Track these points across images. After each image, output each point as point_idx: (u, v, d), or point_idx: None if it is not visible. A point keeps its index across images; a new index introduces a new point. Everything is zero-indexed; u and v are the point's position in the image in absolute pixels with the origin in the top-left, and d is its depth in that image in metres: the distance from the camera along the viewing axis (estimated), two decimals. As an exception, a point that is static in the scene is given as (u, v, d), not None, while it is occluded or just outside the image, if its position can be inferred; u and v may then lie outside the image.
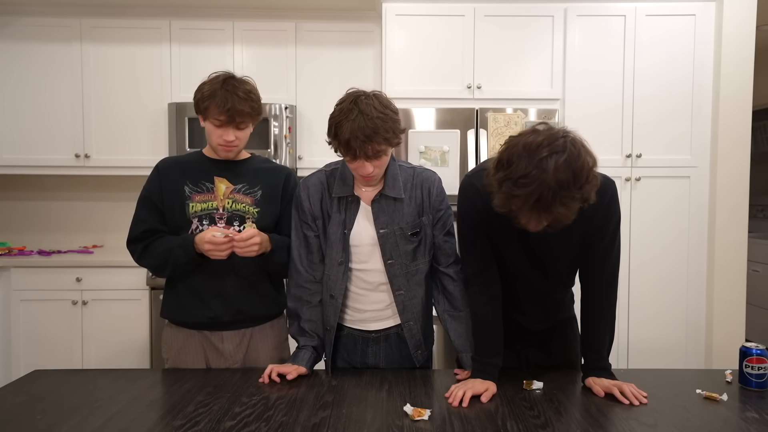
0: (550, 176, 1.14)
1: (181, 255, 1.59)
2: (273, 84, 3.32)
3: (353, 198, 1.57)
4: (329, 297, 1.60)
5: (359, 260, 1.59)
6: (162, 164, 1.72)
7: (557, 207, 1.17)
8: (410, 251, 1.58)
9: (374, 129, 1.40)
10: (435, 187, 1.61)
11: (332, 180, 1.60)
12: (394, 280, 1.58)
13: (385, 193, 1.56)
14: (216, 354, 1.69)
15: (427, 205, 1.59)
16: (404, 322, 1.61)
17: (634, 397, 1.38)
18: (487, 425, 1.25)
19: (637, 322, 3.02)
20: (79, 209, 3.67)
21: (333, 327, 1.62)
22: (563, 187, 1.15)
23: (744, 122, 2.96)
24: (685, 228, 3.02)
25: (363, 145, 1.40)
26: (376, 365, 1.66)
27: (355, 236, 1.57)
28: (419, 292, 1.61)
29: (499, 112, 2.87)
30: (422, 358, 1.66)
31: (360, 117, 1.40)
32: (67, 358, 3.05)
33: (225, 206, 1.66)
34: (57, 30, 3.29)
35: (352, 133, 1.39)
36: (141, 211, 1.68)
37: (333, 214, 1.57)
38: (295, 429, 1.23)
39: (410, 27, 3.01)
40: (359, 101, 1.44)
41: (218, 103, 1.55)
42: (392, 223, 1.56)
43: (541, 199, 1.16)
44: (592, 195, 1.22)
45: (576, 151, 1.19)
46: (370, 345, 1.65)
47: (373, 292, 1.60)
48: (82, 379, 1.54)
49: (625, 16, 3.00)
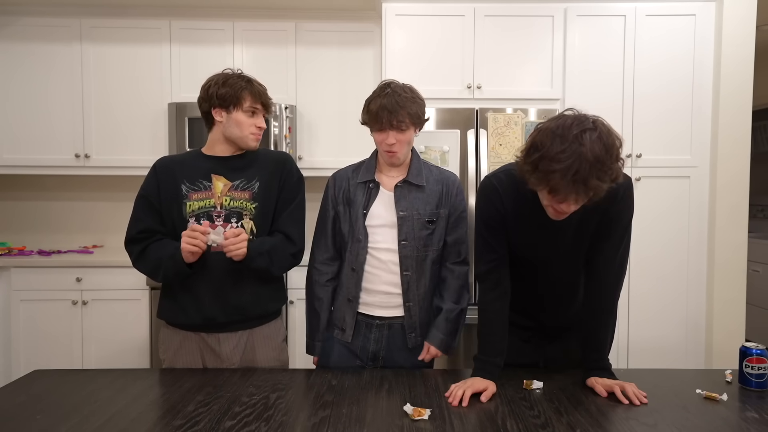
0: (587, 149, 1.19)
1: (171, 266, 1.59)
2: (273, 84, 3.28)
3: (374, 184, 1.74)
4: (351, 270, 1.74)
5: (375, 240, 1.72)
6: (159, 163, 1.71)
7: (593, 180, 1.21)
8: (423, 237, 1.71)
9: (401, 104, 1.62)
10: (456, 186, 1.77)
11: (358, 170, 1.78)
12: (404, 260, 1.70)
13: (409, 179, 1.73)
14: (213, 356, 1.68)
15: (446, 200, 1.74)
16: (405, 302, 1.72)
17: (635, 396, 1.38)
18: (487, 425, 1.25)
19: (637, 322, 3.02)
20: (79, 209, 3.68)
21: (356, 297, 1.74)
22: (599, 160, 1.20)
23: (744, 122, 2.96)
24: (685, 228, 3.03)
25: (390, 116, 1.61)
26: (376, 352, 1.75)
27: (373, 217, 1.72)
28: (424, 276, 1.73)
29: (499, 112, 2.87)
30: (415, 342, 1.73)
31: (391, 94, 1.63)
32: (67, 358, 3.05)
33: (222, 204, 1.66)
34: (57, 30, 3.29)
35: (381, 106, 1.62)
36: (138, 210, 1.68)
37: (355, 198, 1.74)
38: (295, 429, 1.23)
39: (410, 27, 3.01)
40: (392, 83, 1.68)
41: (254, 92, 1.65)
42: (412, 207, 1.71)
43: (579, 171, 1.20)
44: (620, 173, 1.27)
45: (606, 129, 1.25)
46: (374, 331, 1.74)
47: (385, 272, 1.72)
48: (82, 379, 1.54)
49: (625, 16, 3.00)
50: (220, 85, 1.64)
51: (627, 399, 1.38)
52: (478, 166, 2.84)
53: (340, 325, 1.76)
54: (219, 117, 1.66)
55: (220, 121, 1.67)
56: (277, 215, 1.72)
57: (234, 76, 1.67)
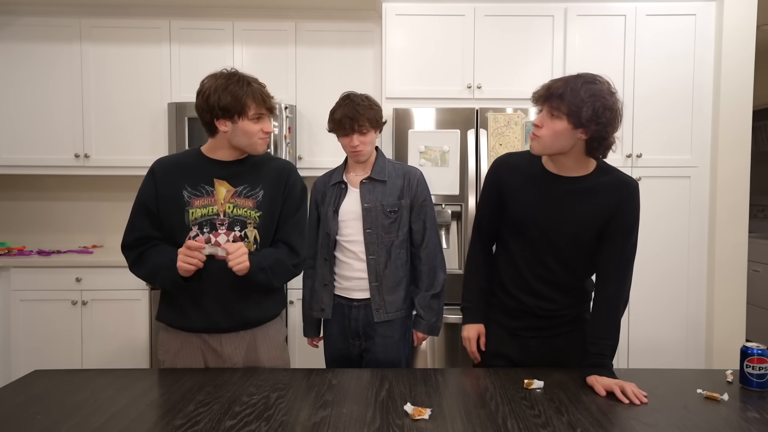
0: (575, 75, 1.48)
1: (167, 277, 1.57)
2: (273, 84, 3.23)
3: (344, 184, 2.00)
4: (323, 260, 2.00)
5: (345, 233, 1.97)
6: (157, 165, 1.66)
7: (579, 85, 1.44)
8: (386, 225, 1.95)
9: (360, 111, 1.89)
10: (416, 178, 2.00)
11: (332, 174, 2.06)
12: (369, 246, 1.95)
13: (372, 176, 1.97)
14: (215, 356, 1.67)
15: (408, 191, 1.98)
16: (371, 283, 1.96)
17: (635, 396, 1.38)
18: (488, 424, 1.25)
19: (638, 322, 3.02)
20: (78, 209, 3.67)
21: (330, 281, 2.00)
22: (584, 76, 1.46)
23: (744, 122, 2.96)
24: (685, 227, 3.02)
25: (351, 122, 1.88)
26: (357, 329, 1.98)
27: (343, 212, 1.97)
28: (388, 260, 1.96)
29: (499, 112, 2.87)
30: (381, 317, 1.96)
31: (350, 104, 1.91)
32: (67, 358, 3.04)
33: (226, 211, 1.62)
34: (57, 30, 3.29)
35: (343, 114, 1.89)
36: (135, 217, 1.64)
37: (327, 198, 2.01)
38: (296, 428, 1.23)
39: (410, 27, 3.01)
40: (351, 94, 1.95)
41: (257, 97, 1.60)
42: (376, 200, 1.95)
43: (577, 78, 1.46)
44: (604, 115, 1.43)
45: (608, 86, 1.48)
46: (353, 311, 1.98)
47: (356, 261, 1.97)
48: (82, 379, 1.54)
49: (625, 16, 2.99)
50: (221, 94, 1.54)
51: (627, 399, 1.38)
52: (478, 166, 2.84)
53: (320, 306, 2.02)
54: (224, 127, 1.59)
55: (226, 131, 1.60)
56: (280, 224, 1.69)
57: (233, 80, 1.57)
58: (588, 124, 1.43)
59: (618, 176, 1.57)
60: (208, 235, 1.60)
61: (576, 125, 1.44)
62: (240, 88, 1.56)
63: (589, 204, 1.54)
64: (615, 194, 1.53)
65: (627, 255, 1.56)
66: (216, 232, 1.60)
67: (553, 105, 1.46)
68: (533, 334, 1.68)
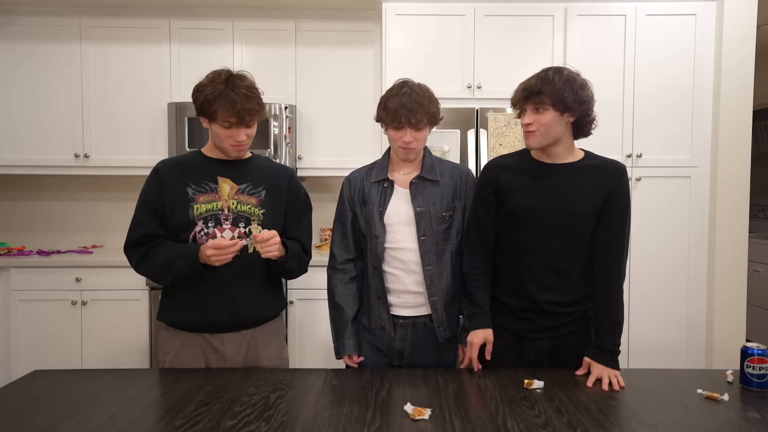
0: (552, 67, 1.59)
1: (185, 266, 1.57)
2: (273, 84, 3.31)
3: (389, 183, 1.77)
4: (373, 268, 1.76)
5: (393, 239, 1.74)
6: (161, 166, 1.68)
7: (554, 76, 1.54)
8: (442, 231, 1.73)
9: (420, 103, 1.66)
10: (470, 179, 1.81)
11: (371, 171, 1.81)
12: (425, 255, 1.72)
13: (423, 175, 1.75)
14: (216, 355, 1.68)
15: (462, 192, 1.78)
16: (430, 297, 1.73)
17: (612, 382, 1.48)
18: (488, 424, 1.25)
19: (638, 322, 3.02)
20: (78, 209, 3.67)
21: (384, 295, 1.75)
22: (550, 69, 1.57)
23: (744, 122, 2.95)
24: (685, 227, 3.02)
25: (408, 114, 1.64)
26: (402, 350, 1.76)
27: (390, 215, 1.74)
28: (446, 270, 1.75)
29: (499, 112, 2.87)
30: (444, 335, 1.75)
31: (409, 93, 1.67)
32: (67, 358, 3.04)
33: (230, 207, 1.64)
34: (57, 30, 3.29)
35: (400, 104, 1.65)
36: (140, 214, 1.65)
37: (370, 198, 1.77)
38: (296, 428, 1.23)
39: (410, 27, 3.01)
40: (409, 82, 1.71)
41: (226, 106, 1.53)
42: (428, 203, 1.73)
43: (545, 72, 1.57)
44: (582, 94, 1.56)
45: None
46: (398, 330, 1.76)
47: (407, 273, 1.74)
48: (82, 379, 1.54)
49: (625, 16, 2.99)
50: (201, 92, 1.56)
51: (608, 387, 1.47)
52: (479, 166, 2.84)
53: (379, 323, 1.75)
54: (205, 124, 1.63)
55: (207, 128, 1.64)
56: (288, 227, 1.73)
57: (217, 81, 1.56)
58: (573, 105, 1.56)
59: (606, 160, 1.66)
60: (213, 230, 1.62)
61: (563, 111, 1.56)
62: (218, 92, 1.54)
63: (586, 183, 1.61)
64: (608, 175, 1.61)
65: (624, 234, 1.63)
66: (221, 227, 1.63)
67: (536, 101, 1.56)
68: (541, 335, 1.67)
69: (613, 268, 1.62)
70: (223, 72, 1.59)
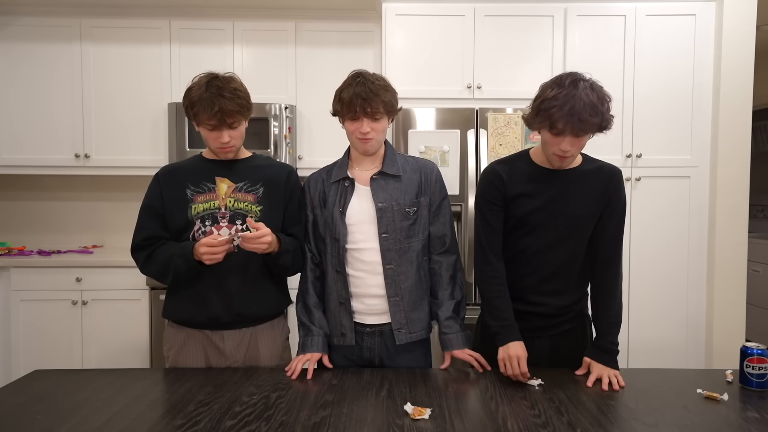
0: (580, 92, 1.44)
1: (181, 264, 1.60)
2: (273, 84, 3.31)
3: (349, 181, 1.70)
4: (335, 272, 1.69)
5: (355, 239, 1.67)
6: (162, 172, 1.73)
7: (586, 116, 1.43)
8: (406, 227, 1.67)
9: (375, 92, 1.59)
10: (434, 173, 1.73)
11: (331, 170, 1.74)
12: (386, 253, 1.65)
13: (384, 170, 1.68)
14: (217, 353, 1.69)
15: (427, 188, 1.71)
16: (390, 297, 1.66)
17: (612, 384, 1.48)
18: (488, 424, 1.25)
19: (637, 322, 3.02)
20: (79, 209, 3.67)
21: (347, 300, 1.68)
22: (591, 101, 1.44)
23: (744, 122, 2.95)
24: (685, 228, 3.02)
25: (363, 104, 1.58)
26: (371, 360, 1.70)
27: (351, 214, 1.67)
28: (410, 270, 1.67)
29: (499, 112, 2.87)
30: (405, 339, 1.68)
31: (363, 82, 1.60)
32: (67, 358, 3.04)
33: (227, 205, 1.66)
34: (57, 30, 3.29)
35: (354, 94, 1.58)
36: (142, 218, 1.70)
37: (329, 198, 1.70)
38: (296, 428, 1.23)
39: (410, 27, 3.01)
40: (363, 72, 1.64)
41: (206, 108, 1.56)
42: (391, 198, 1.66)
43: (575, 107, 1.43)
44: (610, 121, 1.51)
45: (597, 83, 1.50)
46: (365, 339, 1.69)
47: (371, 275, 1.67)
48: (82, 379, 1.54)
49: (625, 16, 2.99)
50: (187, 96, 1.61)
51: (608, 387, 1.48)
52: (478, 166, 2.84)
53: (339, 330, 1.69)
54: (196, 128, 1.66)
55: (198, 131, 1.67)
56: (287, 225, 1.73)
57: (200, 84, 1.59)
58: (608, 123, 1.52)
59: (603, 164, 1.67)
60: (210, 228, 1.64)
61: (600, 131, 1.53)
62: (199, 96, 1.57)
63: (588, 188, 1.62)
64: (606, 179, 1.63)
65: (621, 236, 1.66)
66: (218, 225, 1.65)
67: (581, 133, 1.49)
68: (538, 334, 1.68)
69: (612, 269, 1.63)
70: (206, 75, 1.62)
